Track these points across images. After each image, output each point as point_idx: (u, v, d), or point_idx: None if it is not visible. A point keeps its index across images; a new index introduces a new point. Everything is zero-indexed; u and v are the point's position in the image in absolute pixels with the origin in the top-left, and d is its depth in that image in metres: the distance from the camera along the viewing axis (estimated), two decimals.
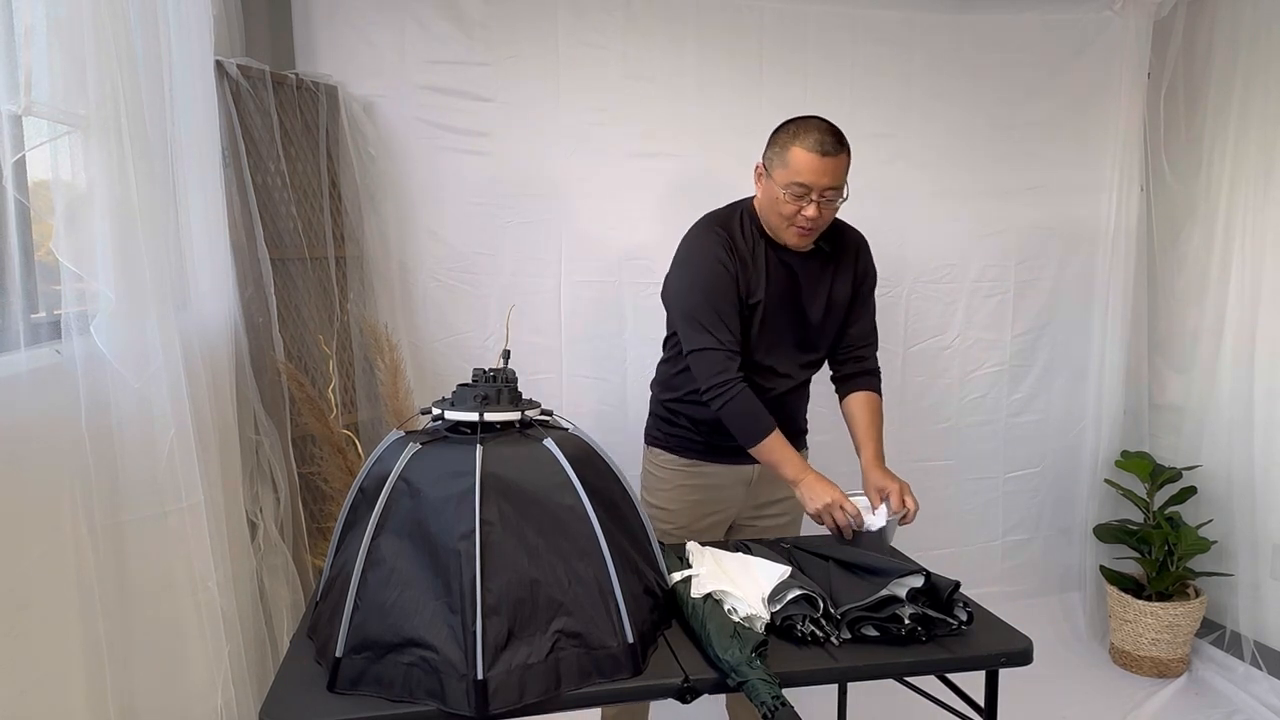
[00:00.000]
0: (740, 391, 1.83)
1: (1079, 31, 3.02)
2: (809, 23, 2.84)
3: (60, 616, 1.25)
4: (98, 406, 1.31)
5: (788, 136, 1.80)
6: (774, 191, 1.81)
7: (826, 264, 1.96)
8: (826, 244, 1.93)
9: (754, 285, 1.89)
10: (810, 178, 1.76)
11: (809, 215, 1.79)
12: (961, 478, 3.21)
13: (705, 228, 1.93)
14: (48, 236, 1.25)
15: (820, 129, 1.77)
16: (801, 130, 1.79)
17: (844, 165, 1.79)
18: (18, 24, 1.15)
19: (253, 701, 1.70)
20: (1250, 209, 2.81)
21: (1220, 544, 2.88)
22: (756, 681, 1.27)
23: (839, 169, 1.78)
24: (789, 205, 1.80)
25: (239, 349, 2.01)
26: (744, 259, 1.88)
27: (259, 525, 2.06)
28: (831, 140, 1.76)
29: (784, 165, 1.79)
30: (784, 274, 1.92)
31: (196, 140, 1.79)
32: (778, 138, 1.84)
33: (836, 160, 1.76)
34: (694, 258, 1.91)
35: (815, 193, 1.77)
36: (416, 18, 2.59)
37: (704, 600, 1.46)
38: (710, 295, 1.86)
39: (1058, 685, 2.82)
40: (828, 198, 1.79)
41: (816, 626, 1.44)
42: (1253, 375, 2.81)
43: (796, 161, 1.76)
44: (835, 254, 1.97)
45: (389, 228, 2.65)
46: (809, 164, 1.75)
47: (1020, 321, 3.16)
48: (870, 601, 1.45)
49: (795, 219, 1.81)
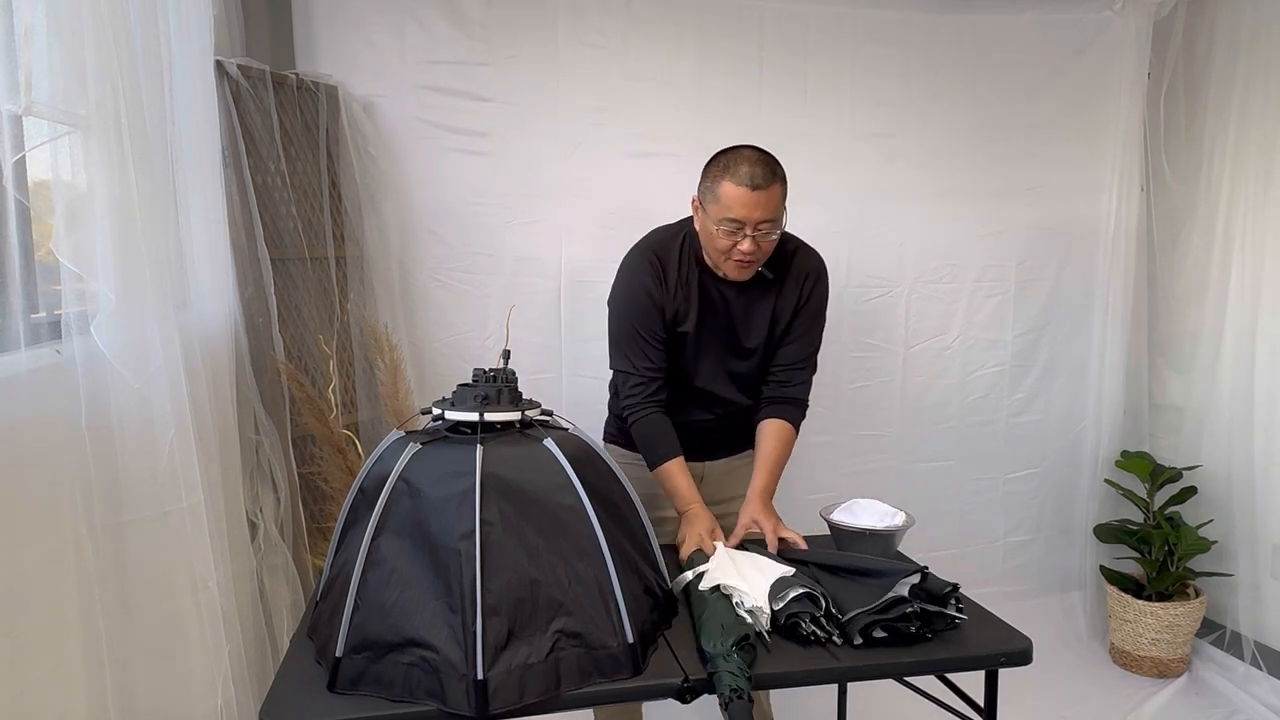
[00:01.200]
0: (646, 416, 1.89)
1: (1079, 31, 3.02)
2: (809, 23, 2.84)
3: (60, 616, 1.25)
4: (98, 406, 1.31)
5: (718, 170, 1.76)
6: (709, 226, 1.78)
7: (769, 290, 1.92)
8: (770, 271, 1.89)
9: (684, 313, 1.90)
10: (742, 213, 1.72)
11: (744, 250, 1.76)
12: (962, 478, 3.21)
13: (640, 254, 1.93)
14: (48, 236, 1.25)
15: (751, 160, 1.72)
16: (732, 163, 1.73)
17: (777, 197, 1.74)
18: (18, 24, 1.15)
19: (253, 701, 1.70)
20: (1250, 209, 2.81)
21: (1220, 544, 2.88)
22: (724, 672, 1.28)
23: (771, 201, 1.73)
24: (724, 240, 1.76)
25: (239, 349, 2.01)
26: (675, 286, 1.89)
27: (259, 525, 2.06)
28: (762, 172, 1.71)
29: (716, 200, 1.75)
30: (719, 301, 1.91)
31: (196, 140, 1.79)
32: (709, 171, 1.80)
33: (769, 193, 1.71)
34: (623, 284, 1.93)
35: (749, 227, 1.73)
36: (416, 18, 2.59)
37: (711, 592, 1.47)
38: (631, 323, 1.89)
39: (1058, 685, 2.82)
40: (762, 231, 1.75)
41: (818, 626, 1.44)
42: (1253, 375, 2.81)
43: (727, 197, 1.72)
44: (780, 280, 1.92)
45: (389, 228, 2.65)
46: (740, 199, 1.71)
47: (1020, 321, 3.16)
48: (880, 604, 1.45)
49: (731, 253, 1.78)
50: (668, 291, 1.88)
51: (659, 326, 1.89)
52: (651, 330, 1.89)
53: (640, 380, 1.90)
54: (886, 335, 3.07)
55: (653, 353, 1.90)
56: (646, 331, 1.89)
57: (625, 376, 1.93)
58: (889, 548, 1.76)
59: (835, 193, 2.93)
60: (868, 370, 3.06)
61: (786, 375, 1.97)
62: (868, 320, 3.03)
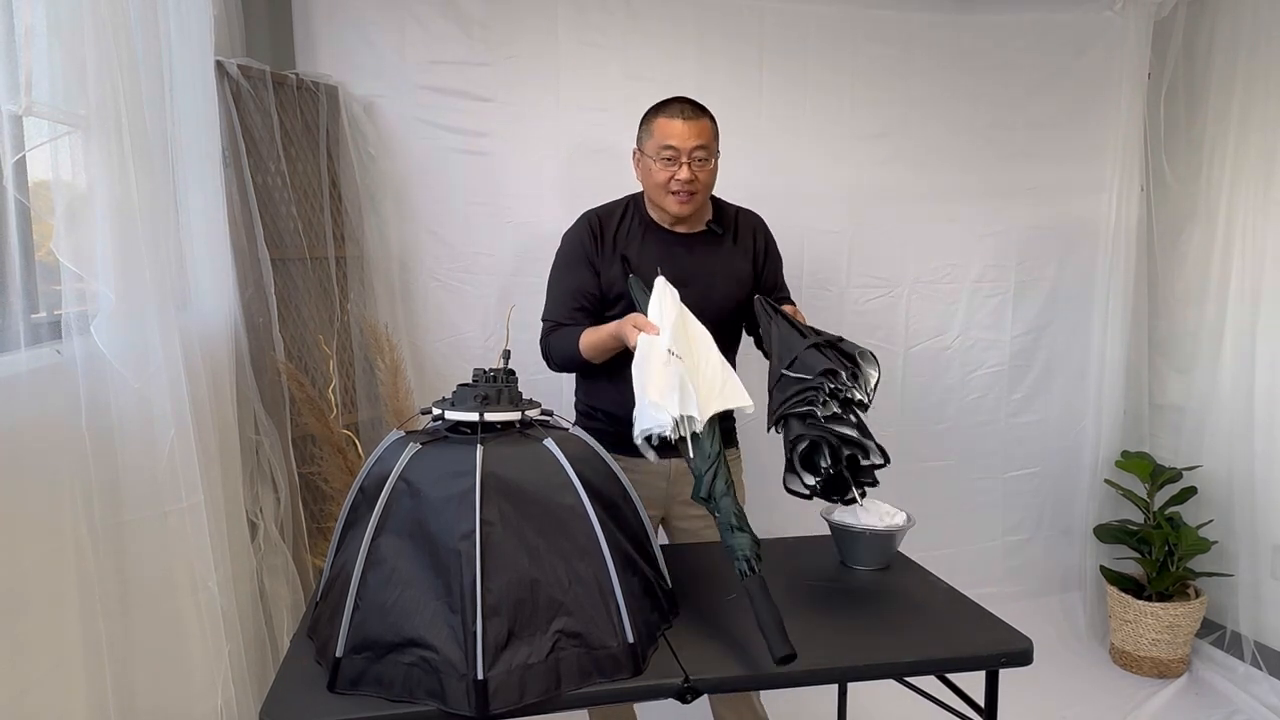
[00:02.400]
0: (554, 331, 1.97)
1: (1079, 31, 3.02)
2: (809, 23, 2.84)
3: (60, 616, 1.25)
4: (98, 406, 1.31)
5: (651, 113, 1.93)
6: (648, 165, 1.91)
7: (719, 244, 2.00)
8: (718, 225, 1.99)
9: (635, 265, 1.94)
10: (676, 140, 1.86)
11: (682, 178, 1.87)
12: (961, 478, 3.21)
13: (581, 218, 2.05)
14: (48, 236, 1.25)
15: (680, 100, 1.91)
16: (662, 105, 1.92)
17: (708, 129, 1.89)
18: (18, 24, 1.15)
19: (253, 701, 1.70)
20: (1251, 209, 2.81)
21: (1220, 544, 2.88)
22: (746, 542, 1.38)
23: (703, 130, 1.88)
24: (663, 172, 1.88)
25: (239, 349, 2.01)
26: (616, 241, 1.96)
27: (259, 525, 2.06)
28: (691, 107, 1.89)
29: (650, 135, 1.91)
30: (668, 255, 1.95)
31: (196, 140, 1.79)
32: (644, 119, 1.95)
33: (699, 123, 1.87)
34: (562, 245, 2.03)
35: (684, 154, 1.86)
36: (416, 18, 2.59)
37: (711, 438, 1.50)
38: (560, 278, 2.00)
39: (1058, 685, 2.81)
40: (697, 158, 1.87)
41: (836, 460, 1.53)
42: (1253, 375, 2.81)
43: (660, 129, 1.88)
44: (730, 235, 2.02)
45: (389, 228, 2.65)
46: (672, 128, 1.87)
47: (1020, 321, 3.16)
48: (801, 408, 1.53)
49: (669, 184, 1.88)
50: (604, 247, 1.96)
51: (590, 284, 1.95)
52: (581, 284, 1.95)
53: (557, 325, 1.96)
54: (886, 335, 3.07)
55: (578, 312, 1.95)
56: (575, 284, 1.96)
57: (545, 326, 1.99)
58: (889, 548, 1.77)
59: (835, 193, 2.93)
60: None
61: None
62: (868, 320, 3.03)
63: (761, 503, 2.16)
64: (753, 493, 2.21)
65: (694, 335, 1.64)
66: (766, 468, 2.89)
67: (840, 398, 1.57)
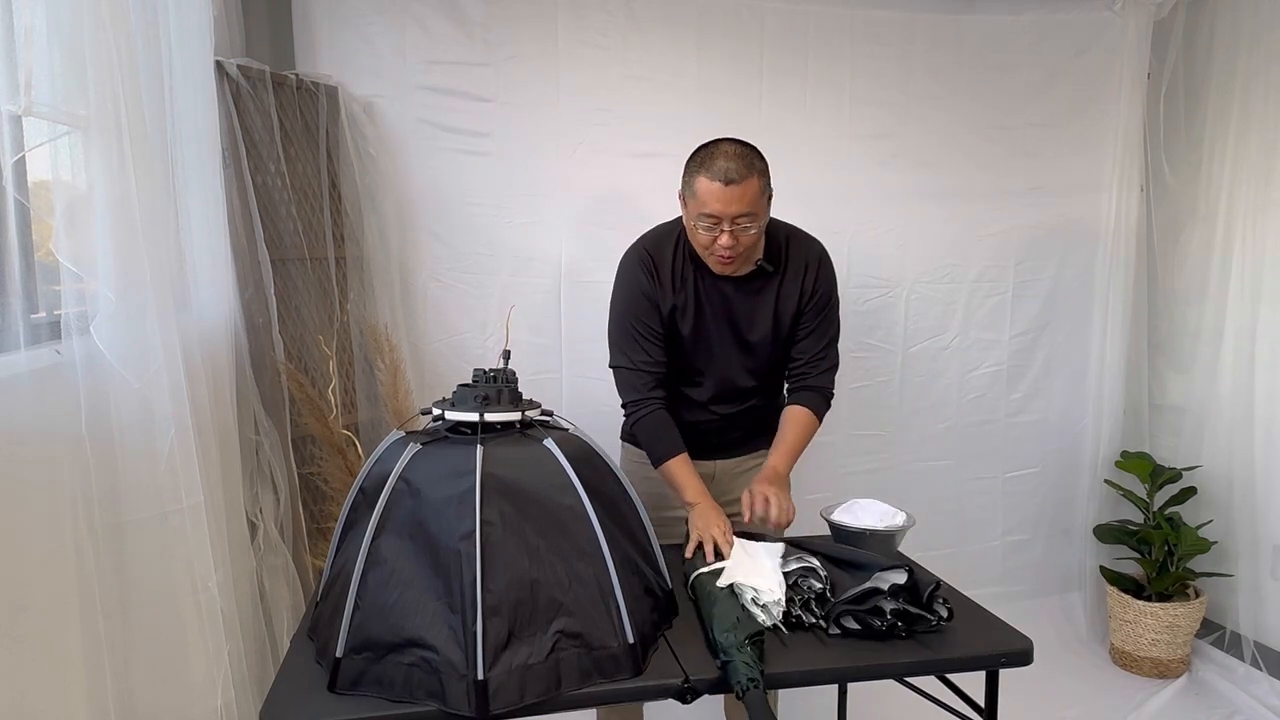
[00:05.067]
0: (650, 413, 1.88)
1: (1079, 31, 3.02)
2: (809, 23, 2.84)
3: (60, 617, 1.25)
4: (98, 407, 1.31)
5: (695, 165, 1.75)
6: (692, 224, 1.78)
7: (770, 282, 1.90)
8: (769, 263, 1.88)
9: (681, 308, 1.89)
10: (717, 208, 1.70)
11: (723, 245, 1.74)
12: (961, 478, 3.21)
13: (634, 252, 1.93)
14: (48, 237, 1.25)
15: (727, 155, 1.70)
16: (708, 158, 1.72)
17: (754, 190, 1.71)
18: (18, 24, 1.15)
19: (253, 701, 1.70)
20: (1250, 209, 2.81)
21: (1220, 544, 2.88)
22: (739, 663, 1.29)
23: (747, 195, 1.69)
24: (704, 236, 1.76)
25: (239, 349, 2.01)
26: (671, 281, 1.88)
27: (259, 526, 2.06)
28: (737, 166, 1.68)
29: (693, 196, 1.74)
30: (717, 297, 1.89)
31: (196, 140, 1.79)
32: (688, 166, 1.78)
33: (743, 186, 1.68)
34: (619, 282, 1.94)
35: (726, 222, 1.72)
36: (416, 18, 2.59)
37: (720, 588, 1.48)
38: (625, 319, 1.90)
39: (1058, 685, 2.82)
40: (741, 225, 1.72)
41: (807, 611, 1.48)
42: (1253, 375, 2.81)
43: (703, 193, 1.71)
44: (780, 271, 1.90)
45: (389, 228, 2.64)
46: (714, 194, 1.69)
47: (1019, 321, 3.16)
48: (854, 594, 1.46)
49: (713, 248, 1.77)
50: (662, 287, 1.88)
51: (655, 322, 1.89)
52: (648, 325, 1.89)
53: (639, 374, 1.90)
54: (886, 335, 3.07)
55: (650, 348, 1.89)
56: (642, 326, 1.89)
57: (623, 375, 1.92)
58: (889, 548, 1.77)
59: (835, 193, 2.93)
60: (867, 370, 3.06)
61: (805, 369, 1.96)
62: (867, 320, 3.03)
63: None
64: None
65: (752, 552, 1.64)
66: None
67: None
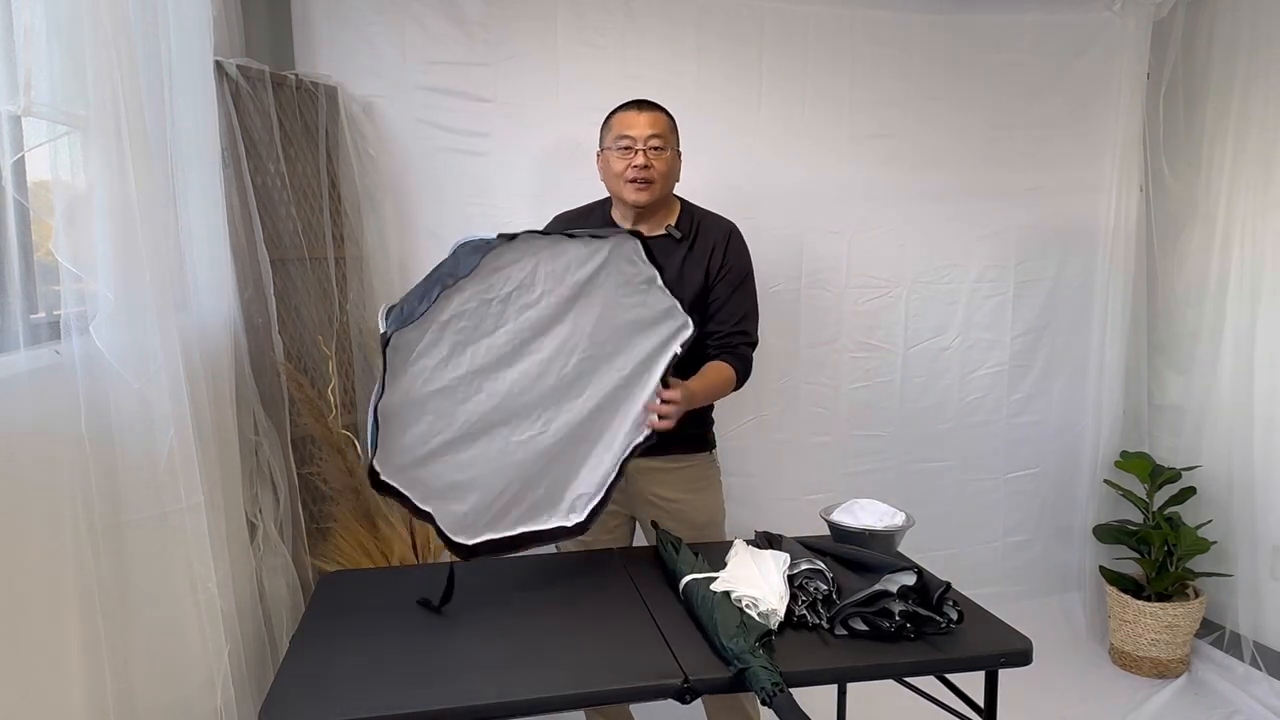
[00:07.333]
0: None
1: (1079, 31, 3.02)
2: (809, 23, 2.84)
3: (60, 617, 1.24)
4: (97, 407, 1.31)
5: (610, 113, 2.02)
6: (608, 159, 1.98)
7: (676, 248, 1.99)
8: (678, 230, 1.99)
9: None
10: (632, 129, 1.94)
11: (638, 164, 1.92)
12: (961, 478, 3.21)
13: (552, 220, 2.13)
14: (48, 236, 1.25)
15: (637, 99, 2.00)
16: (620, 104, 2.01)
17: (663, 120, 1.97)
18: (18, 24, 1.15)
19: (252, 701, 1.70)
20: (1250, 209, 2.81)
21: (1220, 544, 2.88)
22: (758, 669, 1.29)
23: (658, 121, 1.96)
24: (620, 161, 1.95)
25: (239, 350, 2.01)
26: None
27: (259, 526, 2.06)
28: (646, 102, 1.99)
29: (609, 130, 2.00)
30: None
31: (196, 140, 1.79)
32: (604, 121, 2.03)
33: (653, 115, 1.96)
34: None
35: (639, 143, 1.93)
36: (416, 18, 2.59)
37: (716, 592, 1.48)
38: None
39: (1058, 685, 2.81)
40: (653, 146, 1.93)
41: (811, 611, 1.48)
42: (1253, 375, 2.81)
43: (618, 122, 1.98)
44: (689, 241, 2.00)
45: (389, 228, 2.64)
46: (628, 119, 1.96)
47: (1020, 322, 3.16)
48: (862, 596, 1.46)
49: (626, 173, 1.94)
50: None
51: None
52: None
53: None
54: (886, 335, 3.07)
55: None
56: None
57: None
58: (889, 548, 1.77)
59: (835, 193, 2.93)
60: (867, 370, 3.06)
61: (725, 340, 1.98)
62: (867, 320, 3.03)
63: (760, 503, 2.16)
64: (750, 493, 2.21)
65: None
66: (766, 467, 2.90)
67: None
